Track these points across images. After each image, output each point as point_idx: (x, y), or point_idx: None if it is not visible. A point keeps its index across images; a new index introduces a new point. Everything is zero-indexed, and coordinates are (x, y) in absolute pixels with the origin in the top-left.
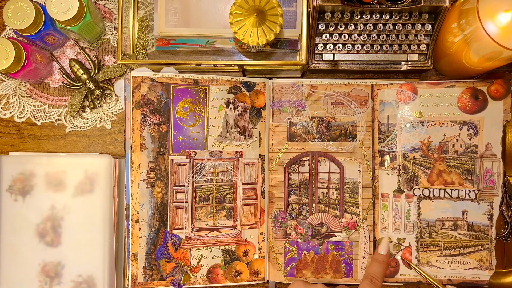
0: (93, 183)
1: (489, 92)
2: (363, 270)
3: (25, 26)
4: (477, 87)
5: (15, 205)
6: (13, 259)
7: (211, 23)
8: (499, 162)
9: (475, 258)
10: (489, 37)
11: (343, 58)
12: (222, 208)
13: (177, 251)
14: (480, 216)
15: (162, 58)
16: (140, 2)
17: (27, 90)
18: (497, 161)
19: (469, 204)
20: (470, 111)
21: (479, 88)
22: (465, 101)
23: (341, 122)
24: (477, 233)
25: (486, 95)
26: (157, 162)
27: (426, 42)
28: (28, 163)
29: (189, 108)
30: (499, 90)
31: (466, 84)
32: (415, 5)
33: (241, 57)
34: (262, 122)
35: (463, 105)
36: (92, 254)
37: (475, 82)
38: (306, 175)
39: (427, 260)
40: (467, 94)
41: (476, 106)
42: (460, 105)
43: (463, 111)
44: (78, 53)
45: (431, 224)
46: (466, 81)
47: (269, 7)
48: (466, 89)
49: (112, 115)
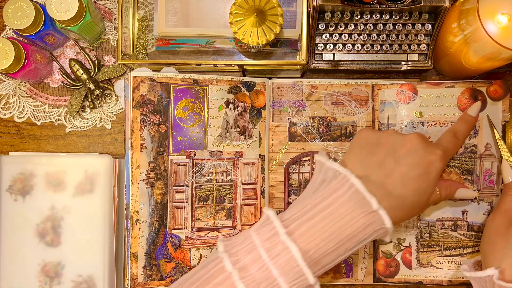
0: (93, 183)
1: (488, 92)
2: (363, 270)
3: (25, 26)
4: (476, 87)
5: (15, 205)
6: (13, 259)
7: (211, 23)
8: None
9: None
10: (489, 37)
11: (343, 58)
12: (222, 208)
13: (176, 251)
14: (480, 216)
15: (162, 58)
16: (140, 2)
17: (27, 90)
18: (496, 161)
19: (469, 204)
20: None
21: (478, 89)
22: (464, 101)
23: (342, 122)
24: (477, 233)
25: (485, 95)
26: (157, 162)
27: (426, 42)
28: (28, 163)
29: (189, 108)
30: (498, 90)
31: (466, 85)
32: (415, 5)
33: (241, 57)
34: (262, 122)
35: (463, 105)
36: (92, 254)
37: (475, 82)
38: (307, 175)
39: (427, 260)
40: (467, 94)
41: None
42: (460, 105)
43: (463, 111)
44: (78, 53)
45: (431, 224)
46: (466, 82)
47: (269, 7)
48: (466, 90)
49: (112, 115)
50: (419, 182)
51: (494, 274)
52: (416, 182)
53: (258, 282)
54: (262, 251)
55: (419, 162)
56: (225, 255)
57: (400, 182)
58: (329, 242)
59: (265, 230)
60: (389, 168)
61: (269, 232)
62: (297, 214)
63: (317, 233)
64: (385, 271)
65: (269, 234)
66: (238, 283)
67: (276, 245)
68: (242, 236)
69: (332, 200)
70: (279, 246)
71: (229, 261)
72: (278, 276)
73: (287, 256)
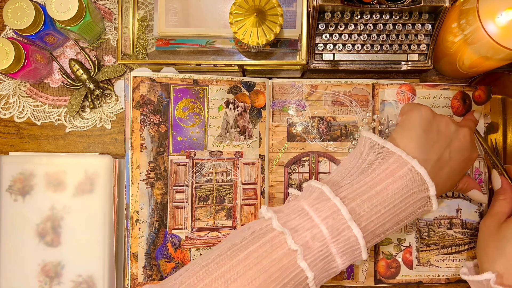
0: (93, 183)
1: (473, 97)
2: (364, 271)
3: (25, 26)
4: (465, 91)
5: (15, 205)
6: (13, 259)
7: (211, 23)
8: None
9: (469, 255)
10: (489, 37)
11: (343, 58)
12: (222, 208)
13: (176, 251)
14: (472, 213)
15: (162, 58)
16: (140, 2)
17: (27, 90)
18: (483, 161)
19: (462, 203)
20: (460, 113)
21: (466, 93)
22: (456, 104)
23: (342, 121)
24: (469, 230)
25: (471, 99)
26: (157, 162)
27: (426, 42)
28: (28, 163)
29: (189, 108)
30: (481, 96)
31: (458, 88)
32: (415, 5)
33: (241, 57)
34: (262, 122)
35: (455, 107)
36: (92, 254)
37: (464, 86)
38: (306, 175)
39: (426, 259)
40: (458, 97)
41: (464, 109)
42: (453, 107)
43: (455, 113)
44: (78, 53)
45: (429, 223)
46: (458, 85)
47: (269, 7)
48: (458, 93)
49: (112, 115)
50: (459, 176)
51: (491, 278)
52: (458, 175)
53: (318, 260)
54: (324, 229)
55: (466, 159)
56: (286, 231)
57: (447, 175)
58: (386, 223)
59: (323, 206)
60: (445, 160)
61: (329, 209)
62: (355, 193)
63: (377, 213)
64: (386, 272)
65: (330, 212)
66: (301, 261)
67: (337, 223)
68: (294, 209)
69: (392, 181)
70: (341, 225)
71: (291, 238)
72: (337, 253)
73: (348, 235)
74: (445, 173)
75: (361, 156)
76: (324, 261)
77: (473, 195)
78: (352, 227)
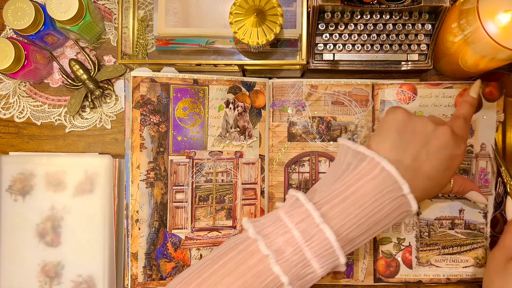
0: (93, 183)
1: (484, 94)
2: (363, 270)
3: (25, 26)
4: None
5: (15, 205)
6: (13, 259)
7: (211, 23)
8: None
9: (471, 256)
10: (489, 37)
11: (343, 58)
12: (222, 208)
13: (176, 251)
14: (476, 214)
15: (162, 58)
16: (140, 2)
17: (27, 90)
18: (491, 161)
19: (465, 203)
20: None
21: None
22: None
23: (342, 122)
24: (473, 231)
25: (481, 96)
26: (157, 162)
27: (426, 42)
28: (28, 163)
29: (189, 108)
30: (493, 92)
31: (463, 86)
32: (415, 5)
33: (241, 57)
34: (262, 122)
35: None
36: (92, 254)
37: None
38: (306, 175)
39: (426, 259)
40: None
41: None
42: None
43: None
44: (78, 53)
45: (430, 223)
46: (463, 83)
47: (269, 7)
48: (463, 91)
49: (112, 115)
50: (444, 174)
51: None
52: (441, 174)
53: (293, 265)
54: (296, 233)
55: (448, 157)
56: (260, 237)
57: (427, 174)
58: (360, 225)
59: (296, 212)
60: (422, 159)
61: (302, 214)
62: (328, 197)
63: (349, 215)
64: (385, 271)
65: (302, 216)
66: (274, 265)
67: (309, 227)
68: (270, 217)
69: (364, 182)
70: (313, 229)
71: (264, 244)
72: (312, 257)
73: (321, 238)
74: (425, 172)
75: (340, 163)
76: (299, 265)
77: (471, 196)
78: (325, 229)
